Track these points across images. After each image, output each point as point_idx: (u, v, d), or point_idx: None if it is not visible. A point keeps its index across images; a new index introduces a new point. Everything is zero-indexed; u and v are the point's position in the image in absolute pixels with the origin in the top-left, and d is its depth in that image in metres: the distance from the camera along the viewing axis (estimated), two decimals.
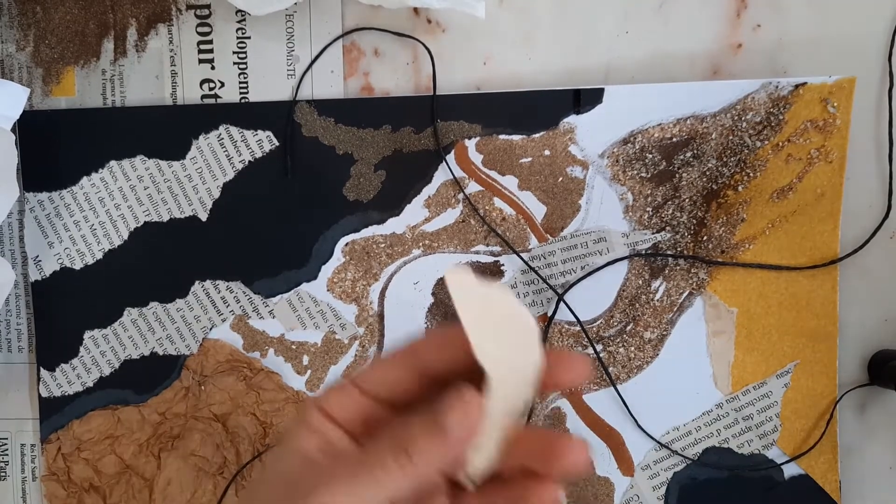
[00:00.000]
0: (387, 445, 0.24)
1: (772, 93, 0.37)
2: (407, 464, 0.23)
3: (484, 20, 0.37)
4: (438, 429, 0.23)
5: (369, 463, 0.24)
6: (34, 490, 0.43)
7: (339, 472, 0.24)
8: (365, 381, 0.26)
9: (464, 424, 0.23)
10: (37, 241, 0.41)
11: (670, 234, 0.39)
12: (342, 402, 0.26)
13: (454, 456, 0.24)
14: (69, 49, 0.41)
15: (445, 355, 0.25)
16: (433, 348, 0.26)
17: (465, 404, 0.23)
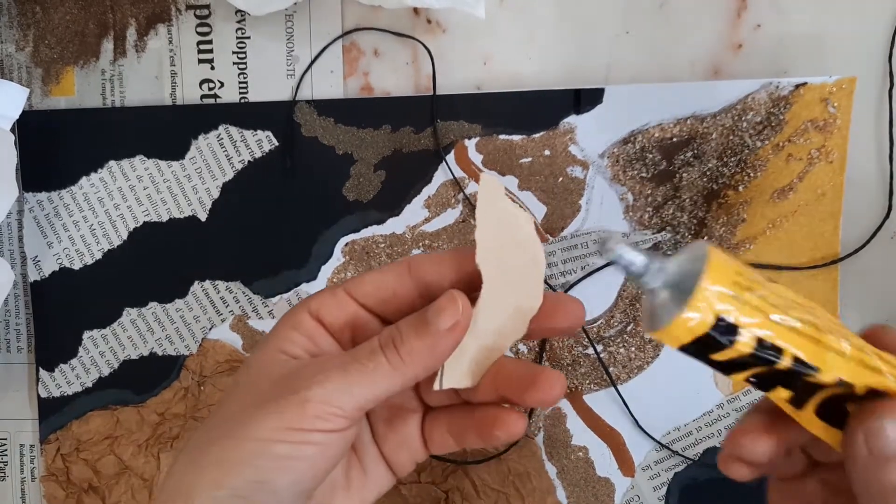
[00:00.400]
0: (378, 344, 0.24)
1: (772, 93, 0.37)
2: (397, 361, 0.24)
3: (484, 20, 0.37)
4: (426, 325, 0.24)
5: (361, 359, 0.24)
6: (33, 490, 0.43)
7: (331, 368, 0.24)
8: (358, 289, 0.26)
9: (451, 322, 0.23)
10: (36, 242, 0.41)
11: (671, 235, 0.39)
12: (333, 308, 0.26)
13: (440, 355, 0.24)
14: (68, 49, 0.41)
15: (442, 270, 0.26)
16: (430, 262, 0.26)
17: (453, 302, 0.23)
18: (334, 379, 0.23)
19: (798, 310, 0.20)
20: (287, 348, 0.25)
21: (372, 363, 0.24)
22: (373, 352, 0.24)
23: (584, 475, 0.40)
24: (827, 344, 0.19)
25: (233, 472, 0.23)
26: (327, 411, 0.23)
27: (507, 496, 0.39)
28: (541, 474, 0.40)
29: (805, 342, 0.19)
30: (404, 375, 0.24)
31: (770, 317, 0.19)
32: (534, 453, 0.39)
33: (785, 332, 0.19)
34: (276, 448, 0.23)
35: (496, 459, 0.39)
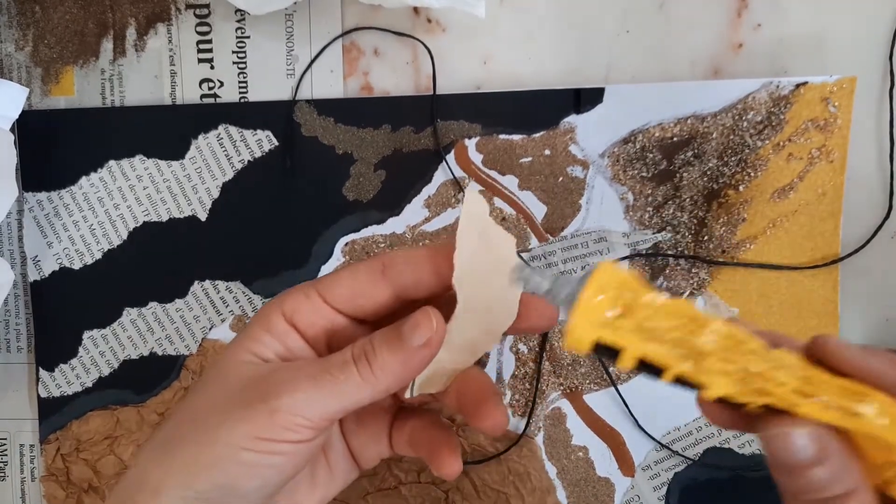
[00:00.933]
0: (350, 355, 0.24)
1: (772, 92, 0.37)
2: (368, 375, 0.24)
3: (484, 20, 0.37)
4: (399, 341, 0.24)
5: (333, 371, 0.24)
6: (33, 490, 0.43)
7: (302, 378, 0.24)
8: (332, 293, 0.26)
9: (424, 339, 0.23)
10: (36, 242, 0.41)
11: (671, 234, 0.39)
12: (308, 313, 0.26)
13: (412, 370, 0.24)
14: (68, 49, 0.41)
15: (417, 273, 0.25)
16: (405, 265, 0.25)
17: (427, 319, 0.23)
18: (304, 389, 0.23)
19: (680, 331, 0.20)
20: (258, 350, 0.25)
21: (343, 375, 0.23)
22: (345, 363, 0.24)
23: (585, 475, 0.40)
24: (704, 366, 0.20)
25: (201, 476, 0.23)
26: (295, 422, 0.23)
27: (507, 496, 0.39)
28: (541, 474, 0.40)
29: (684, 363, 0.20)
30: (375, 388, 0.24)
31: (645, 340, 0.20)
32: (534, 453, 0.39)
33: (660, 354, 0.20)
34: (243, 455, 0.23)
35: (496, 459, 0.39)
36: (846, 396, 0.20)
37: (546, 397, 0.40)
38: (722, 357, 0.20)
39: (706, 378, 0.20)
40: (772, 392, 0.20)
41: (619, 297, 0.21)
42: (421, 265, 0.25)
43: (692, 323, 0.20)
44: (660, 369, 0.20)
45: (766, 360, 0.20)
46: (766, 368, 0.20)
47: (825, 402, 0.19)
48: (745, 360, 0.20)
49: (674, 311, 0.21)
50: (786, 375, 0.20)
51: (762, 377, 0.20)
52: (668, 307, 0.21)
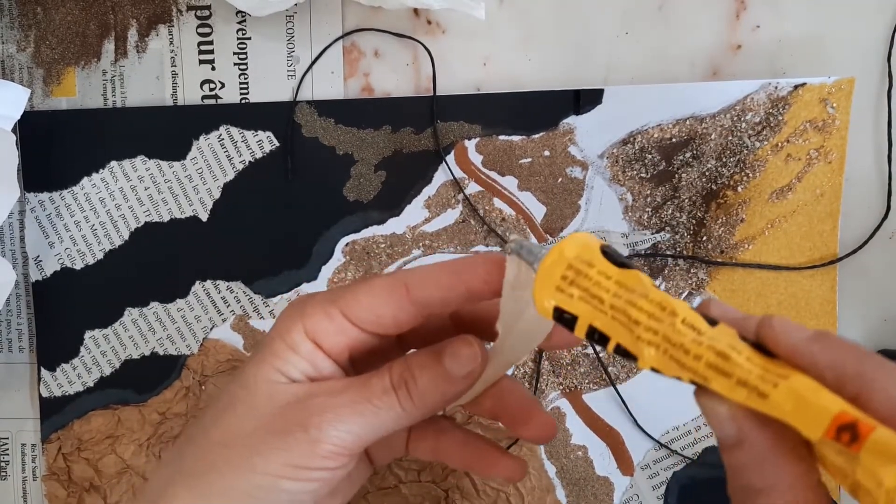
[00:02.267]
0: (389, 381, 0.24)
1: (771, 93, 0.38)
2: (409, 404, 0.23)
3: (484, 21, 0.37)
4: (441, 371, 0.23)
5: (374, 400, 0.23)
6: (35, 490, 0.43)
7: (341, 406, 0.23)
8: (354, 313, 0.25)
9: (468, 370, 0.23)
10: (37, 242, 0.41)
11: (670, 235, 0.39)
12: (331, 334, 0.25)
13: (452, 399, 0.24)
14: (70, 50, 0.41)
15: (444, 294, 0.25)
16: (431, 287, 0.25)
17: (470, 349, 0.23)
18: (345, 418, 0.23)
19: (622, 300, 0.20)
20: (286, 370, 0.25)
21: (384, 404, 0.23)
22: (385, 392, 0.24)
23: (584, 474, 0.40)
24: (641, 337, 0.20)
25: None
26: (335, 451, 0.23)
27: (506, 495, 0.39)
28: (540, 473, 0.40)
29: (623, 332, 0.20)
30: (412, 417, 0.24)
31: (593, 308, 0.21)
32: (533, 452, 0.40)
33: (604, 322, 0.21)
34: (282, 484, 0.23)
35: None
36: (764, 377, 0.18)
37: (545, 396, 0.40)
38: (648, 327, 0.20)
39: (638, 349, 0.20)
40: (690, 367, 0.19)
41: (575, 264, 0.21)
42: (446, 286, 0.24)
43: (633, 293, 0.20)
44: (602, 340, 0.21)
45: (690, 332, 0.19)
46: (686, 341, 0.19)
47: (737, 379, 0.19)
48: (667, 330, 0.20)
49: (621, 280, 0.21)
50: (705, 349, 0.19)
51: (683, 350, 0.19)
52: (618, 276, 0.21)
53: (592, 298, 0.21)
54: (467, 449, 0.28)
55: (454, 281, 0.24)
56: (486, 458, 0.27)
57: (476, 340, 0.24)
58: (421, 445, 0.29)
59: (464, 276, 0.24)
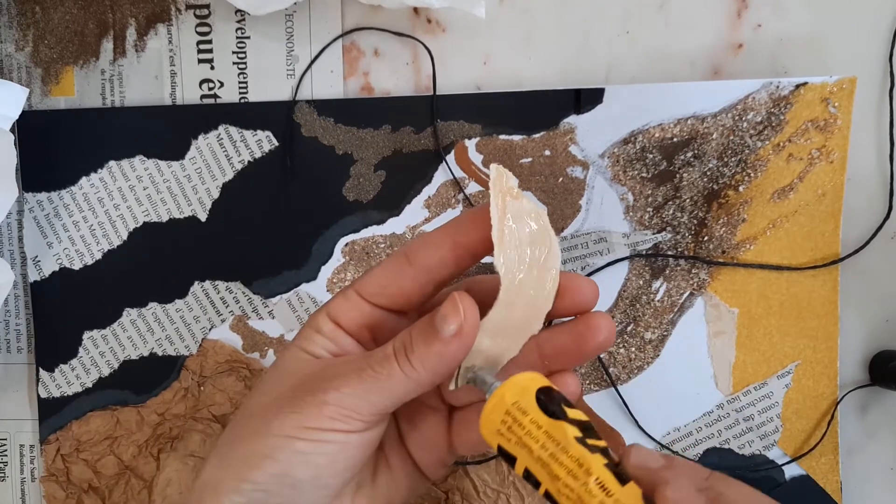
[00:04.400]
0: (391, 351, 0.24)
1: (772, 93, 0.37)
2: (409, 368, 0.24)
3: (484, 20, 0.37)
4: (434, 333, 0.24)
5: (374, 366, 0.24)
6: (33, 491, 0.43)
7: (348, 373, 0.24)
8: (366, 289, 0.27)
9: (454, 327, 0.23)
10: (36, 242, 0.41)
11: (671, 235, 0.39)
12: (348, 311, 0.27)
13: (450, 361, 0.24)
14: (68, 49, 0.41)
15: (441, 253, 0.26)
16: (426, 249, 0.26)
17: (455, 308, 0.23)
18: (351, 384, 0.24)
19: (548, 453, 0.22)
20: (310, 348, 0.26)
21: (385, 370, 0.24)
22: (386, 358, 0.24)
23: None
24: (560, 491, 0.22)
25: (256, 467, 0.24)
26: (343, 413, 0.24)
27: (507, 496, 0.39)
28: None
29: (549, 482, 0.22)
30: (417, 382, 0.24)
31: (527, 454, 0.23)
32: None
33: (535, 469, 0.23)
34: (296, 444, 0.24)
35: (496, 459, 0.39)
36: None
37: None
38: (566, 484, 0.22)
39: (560, 502, 0.22)
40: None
41: (512, 411, 0.23)
42: (440, 244, 0.26)
43: (557, 445, 0.22)
44: (538, 483, 0.23)
45: (600, 493, 0.21)
46: (595, 502, 0.21)
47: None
48: (580, 490, 0.21)
49: (549, 431, 0.22)
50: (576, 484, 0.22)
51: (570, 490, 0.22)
52: (547, 426, 0.22)
53: (523, 448, 0.23)
54: (541, 363, 0.27)
55: (444, 237, 0.26)
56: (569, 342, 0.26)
57: (464, 296, 0.24)
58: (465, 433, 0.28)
59: (452, 229, 0.26)
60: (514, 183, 0.24)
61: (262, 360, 0.41)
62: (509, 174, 0.24)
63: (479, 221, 0.25)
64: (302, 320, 0.40)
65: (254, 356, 0.41)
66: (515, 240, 0.24)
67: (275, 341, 0.41)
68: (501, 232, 0.23)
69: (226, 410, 0.41)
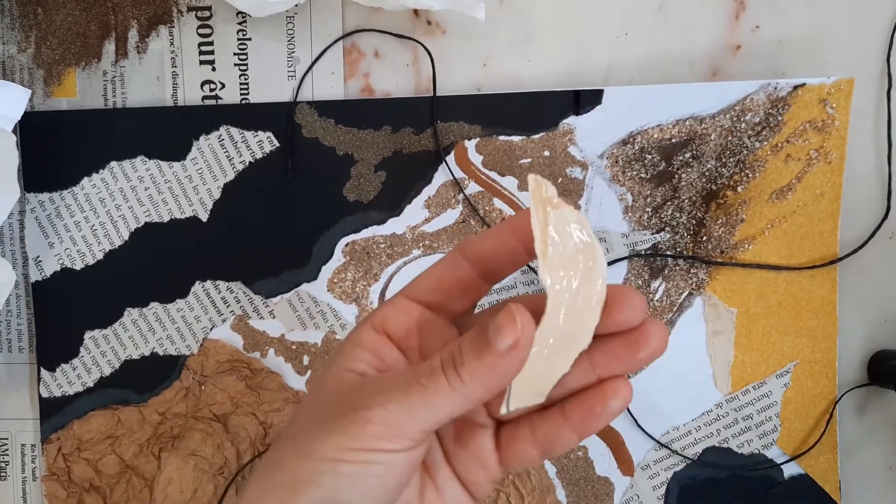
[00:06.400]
0: (439, 364, 0.23)
1: (771, 94, 0.38)
2: (457, 383, 0.23)
3: (484, 21, 0.37)
4: (487, 346, 0.22)
5: (421, 380, 0.23)
6: (35, 490, 0.43)
7: (393, 388, 0.23)
8: (418, 289, 0.26)
9: (510, 341, 0.22)
10: (37, 242, 0.41)
11: (670, 235, 0.39)
12: (397, 316, 0.25)
13: (503, 376, 0.23)
14: (70, 50, 0.41)
15: (496, 244, 0.25)
16: (481, 241, 0.25)
17: (512, 320, 0.22)
18: (396, 400, 0.23)
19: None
20: (352, 366, 0.25)
21: (432, 385, 0.23)
22: (433, 372, 0.23)
23: (584, 474, 0.40)
24: None
25: (299, 493, 0.23)
26: (388, 432, 0.22)
27: (507, 495, 0.39)
28: (540, 473, 0.40)
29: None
30: (467, 397, 0.23)
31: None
32: None
33: None
34: (341, 467, 0.22)
35: None
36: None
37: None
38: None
39: None
40: None
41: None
42: (496, 233, 0.25)
43: None
44: None
45: None
46: None
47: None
48: None
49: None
50: None
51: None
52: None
53: None
54: (573, 411, 0.25)
55: (501, 229, 0.25)
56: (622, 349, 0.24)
57: (520, 309, 0.22)
58: (517, 447, 0.26)
59: (510, 223, 0.25)
60: (553, 193, 0.23)
61: (263, 360, 0.41)
62: (548, 184, 0.23)
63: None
64: (302, 320, 0.41)
65: (254, 356, 0.41)
66: (559, 251, 0.22)
67: (275, 341, 0.41)
68: (545, 244, 0.22)
69: (226, 410, 0.41)
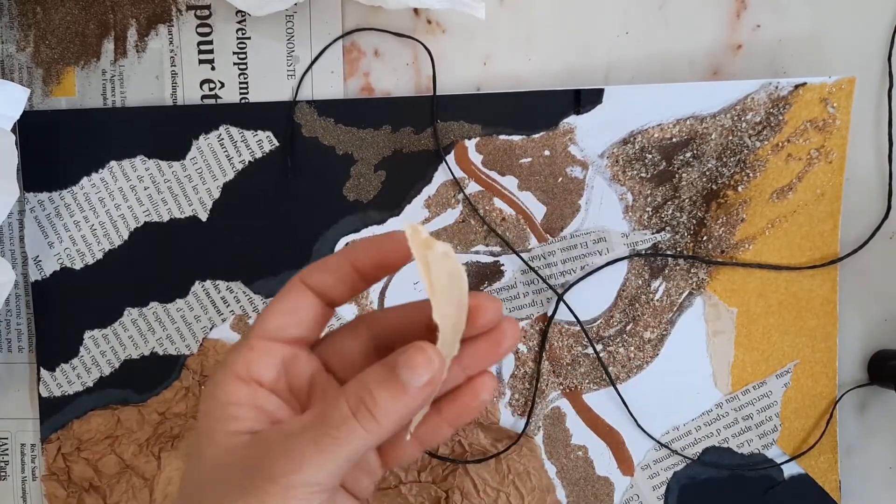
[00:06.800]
0: (347, 410, 0.23)
1: (771, 93, 0.38)
2: (372, 425, 0.22)
3: (484, 21, 0.37)
4: (398, 384, 0.22)
5: (332, 432, 0.22)
6: (34, 490, 0.43)
7: (303, 447, 0.22)
8: (268, 328, 0.25)
9: (426, 378, 0.22)
10: (37, 241, 0.41)
11: (670, 234, 0.39)
12: (260, 360, 0.25)
13: (417, 409, 0.23)
14: (69, 49, 0.41)
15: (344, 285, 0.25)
16: (329, 279, 0.25)
17: (426, 359, 0.22)
18: (310, 458, 0.22)
19: None
20: (237, 427, 0.24)
21: (344, 433, 0.22)
22: (343, 420, 0.22)
23: (584, 474, 0.40)
24: None
25: None
26: (309, 492, 0.22)
27: (507, 495, 0.39)
28: (540, 473, 0.40)
29: None
30: (380, 436, 0.23)
31: None
32: (533, 452, 0.40)
33: None
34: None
35: (496, 458, 0.39)
36: None
37: (545, 396, 0.40)
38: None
39: None
40: None
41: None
42: (338, 266, 0.25)
43: None
44: None
45: None
46: None
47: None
48: None
49: None
50: None
51: None
52: None
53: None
54: (448, 409, 0.26)
55: (342, 262, 0.25)
56: (466, 393, 0.25)
57: (429, 346, 0.23)
58: (398, 449, 0.27)
59: (348, 255, 0.25)
60: (425, 234, 0.23)
61: None
62: (422, 228, 0.23)
63: (374, 249, 0.24)
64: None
65: None
66: (442, 288, 0.23)
67: None
68: (432, 286, 0.23)
69: None
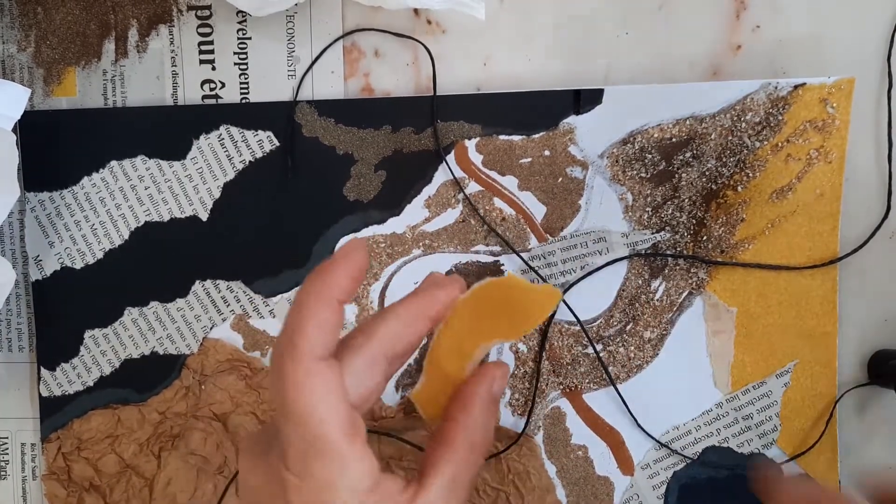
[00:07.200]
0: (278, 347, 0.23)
1: (771, 93, 0.38)
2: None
3: (484, 21, 0.37)
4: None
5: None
6: (34, 489, 0.43)
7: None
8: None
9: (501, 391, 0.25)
10: (37, 241, 0.41)
11: (670, 234, 0.39)
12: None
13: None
14: (70, 49, 0.41)
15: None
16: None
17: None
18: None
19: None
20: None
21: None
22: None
23: (584, 474, 0.40)
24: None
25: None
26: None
27: (507, 495, 0.39)
28: (540, 473, 0.40)
29: None
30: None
31: None
32: (533, 452, 0.40)
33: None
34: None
35: (496, 458, 0.39)
36: None
37: (545, 396, 0.40)
38: None
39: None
40: None
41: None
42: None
43: None
44: None
45: None
46: None
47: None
48: None
49: None
50: None
51: None
52: None
53: None
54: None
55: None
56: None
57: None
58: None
59: (422, 306, 0.25)
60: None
61: (263, 359, 0.41)
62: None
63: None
64: None
65: (255, 355, 0.41)
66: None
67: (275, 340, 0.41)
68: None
69: (226, 409, 0.41)
